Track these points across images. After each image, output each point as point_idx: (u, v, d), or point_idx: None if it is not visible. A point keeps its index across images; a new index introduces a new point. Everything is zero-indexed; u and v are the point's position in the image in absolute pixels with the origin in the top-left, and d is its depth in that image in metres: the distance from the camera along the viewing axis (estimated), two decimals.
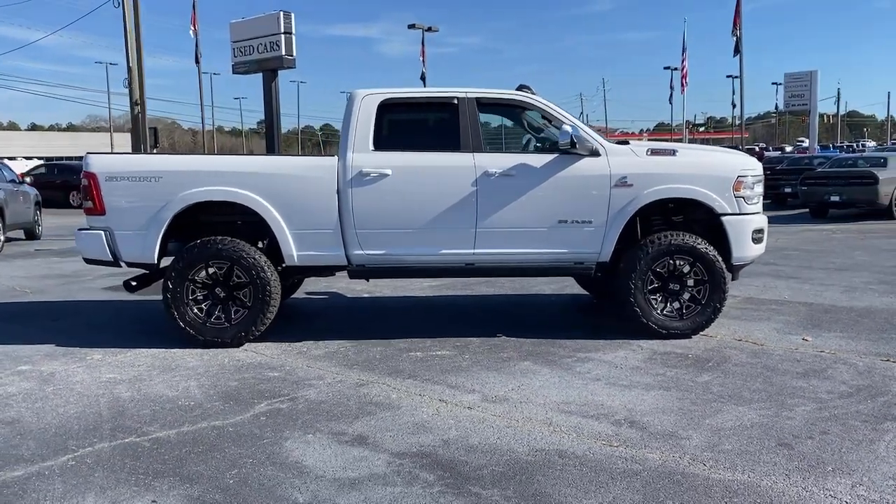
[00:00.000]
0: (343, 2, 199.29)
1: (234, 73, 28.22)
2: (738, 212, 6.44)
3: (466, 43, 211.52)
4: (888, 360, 5.63)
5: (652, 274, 6.36)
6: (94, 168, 6.20)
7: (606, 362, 5.71)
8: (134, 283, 6.58)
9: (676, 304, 6.44)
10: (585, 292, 8.48)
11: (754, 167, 6.61)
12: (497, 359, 5.86)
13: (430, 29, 39.11)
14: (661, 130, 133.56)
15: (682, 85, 48.65)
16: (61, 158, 50.11)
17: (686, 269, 6.39)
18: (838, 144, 61.77)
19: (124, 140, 75.89)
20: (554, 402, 4.83)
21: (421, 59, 38.95)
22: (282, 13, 27.70)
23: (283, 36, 27.83)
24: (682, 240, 6.33)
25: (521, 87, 6.78)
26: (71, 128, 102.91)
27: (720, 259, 6.37)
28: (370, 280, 7.42)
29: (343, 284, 9.01)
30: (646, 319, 6.36)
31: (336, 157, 6.33)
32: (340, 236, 6.29)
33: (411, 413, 4.65)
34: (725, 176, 6.43)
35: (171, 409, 4.78)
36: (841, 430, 4.26)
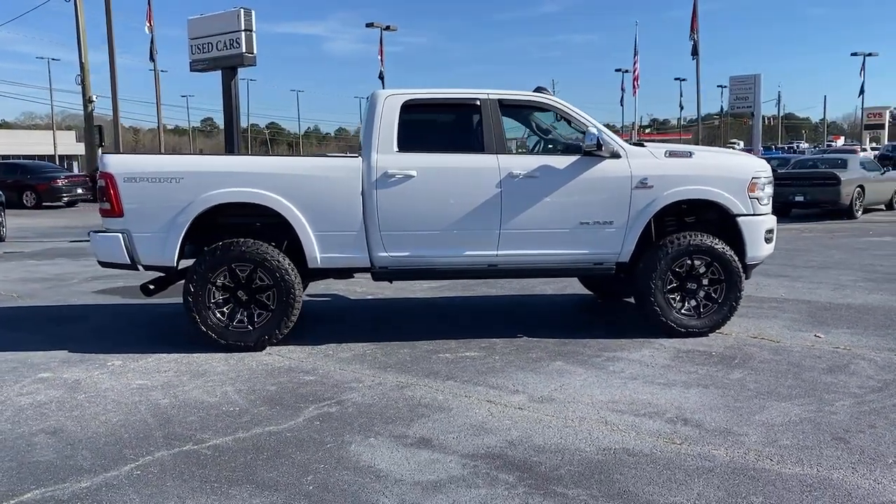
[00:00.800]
0: (289, 0, 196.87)
1: (191, 70, 27.55)
2: (752, 212, 6.61)
3: (414, 42, 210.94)
4: None
5: (671, 273, 6.48)
6: (112, 168, 6.03)
7: (636, 361, 5.80)
8: (152, 287, 6.43)
9: (693, 303, 6.58)
10: (588, 292, 8.59)
11: (766, 169, 6.79)
12: (527, 359, 5.90)
13: (388, 28, 38.98)
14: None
15: (634, 87, 49.60)
16: None
17: (703, 268, 6.52)
18: (780, 146, 63.65)
19: (67, 138, 73.82)
20: (600, 401, 4.89)
21: (379, 57, 38.82)
22: (242, 10, 27.17)
23: (243, 33, 27.28)
24: (701, 240, 6.46)
25: (538, 89, 6.84)
26: (5, 125, 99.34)
27: (736, 259, 6.52)
28: (392, 282, 7.34)
29: (342, 286, 8.94)
30: (665, 318, 6.48)
31: (360, 158, 6.28)
32: (364, 238, 6.25)
33: (464, 414, 4.66)
34: (741, 177, 6.59)
35: (217, 415, 4.68)
36: (886, 423, 4.42)
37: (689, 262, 6.49)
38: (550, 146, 6.86)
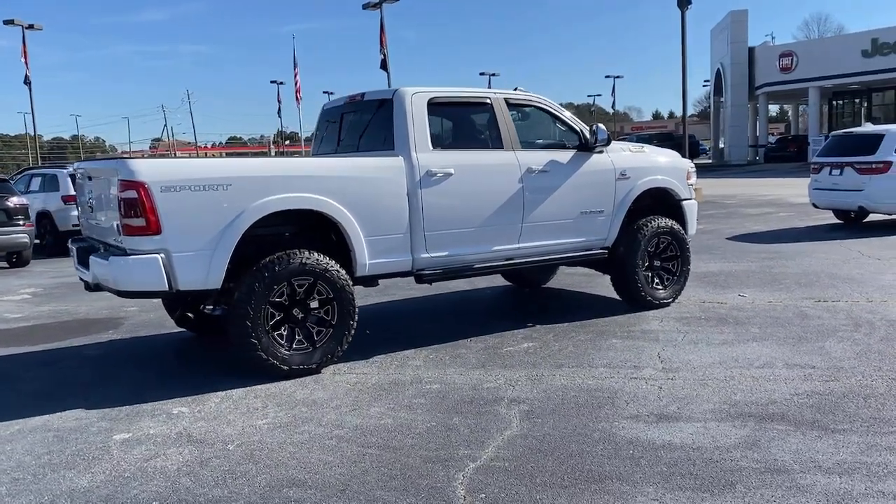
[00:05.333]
0: None
1: None
2: (689, 197, 7.78)
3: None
4: (824, 301, 7.44)
5: (645, 252, 7.34)
6: (145, 177, 4.94)
7: (666, 331, 6.51)
8: (191, 316, 5.39)
9: (657, 278, 7.51)
10: (507, 284, 9.09)
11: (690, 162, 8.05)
12: (583, 341, 6.25)
13: (31, 26, 34.10)
14: (234, 144, 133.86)
15: (297, 99, 50.20)
16: None
17: (664, 246, 7.49)
18: None
19: None
20: (712, 362, 5.50)
21: (23, 60, 33.81)
22: None
23: None
24: (665, 223, 7.43)
25: (516, 89, 7.17)
26: None
27: (686, 236, 7.63)
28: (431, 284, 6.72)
29: None
30: (644, 292, 7.32)
31: (399, 157, 6.00)
32: (409, 240, 6.01)
33: (639, 391, 4.91)
34: (683, 168, 7.73)
35: (428, 432, 4.29)
36: None
37: (656, 241, 7.41)
38: (546, 142, 7.20)
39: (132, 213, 4.95)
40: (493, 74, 56.97)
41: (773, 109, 43.28)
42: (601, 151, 7.07)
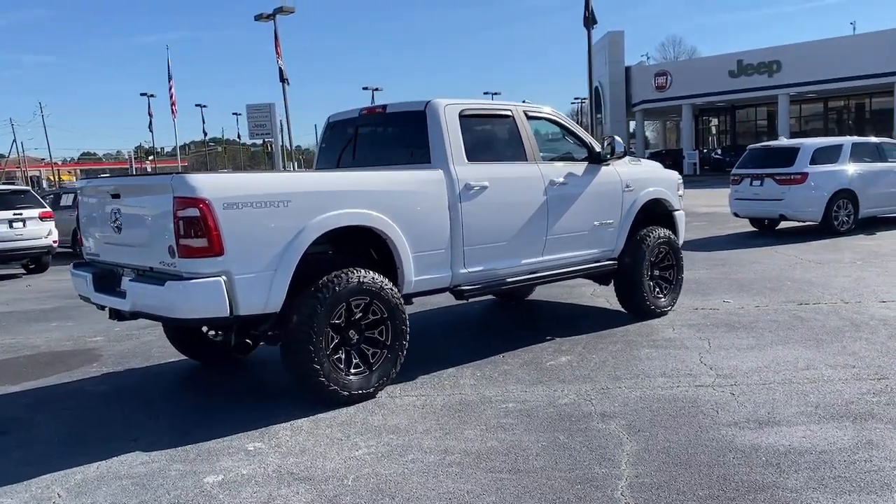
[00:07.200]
0: None
1: None
2: (680, 208, 8.04)
3: None
4: (806, 304, 7.87)
5: (649, 262, 7.51)
6: (207, 193, 4.52)
7: (686, 338, 6.65)
8: (249, 342, 4.97)
9: (658, 287, 7.69)
10: (491, 297, 9.02)
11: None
12: (617, 352, 6.28)
13: None
14: (87, 160, 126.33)
15: (173, 112, 48.24)
16: None
17: (663, 256, 7.69)
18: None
19: None
20: (758, 367, 5.66)
21: None
22: None
23: None
24: (664, 233, 7.62)
25: (524, 102, 7.17)
26: None
27: (679, 246, 7.87)
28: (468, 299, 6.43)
29: None
30: (649, 301, 7.47)
31: (439, 170, 5.83)
32: (449, 255, 5.85)
33: (718, 399, 4.97)
34: (674, 180, 7.98)
35: (553, 454, 4.16)
36: None
37: (657, 251, 7.59)
38: (560, 155, 7.19)
39: (192, 233, 4.52)
40: (377, 89, 56.92)
41: (633, 126, 46.07)
42: (609, 164, 7.17)
